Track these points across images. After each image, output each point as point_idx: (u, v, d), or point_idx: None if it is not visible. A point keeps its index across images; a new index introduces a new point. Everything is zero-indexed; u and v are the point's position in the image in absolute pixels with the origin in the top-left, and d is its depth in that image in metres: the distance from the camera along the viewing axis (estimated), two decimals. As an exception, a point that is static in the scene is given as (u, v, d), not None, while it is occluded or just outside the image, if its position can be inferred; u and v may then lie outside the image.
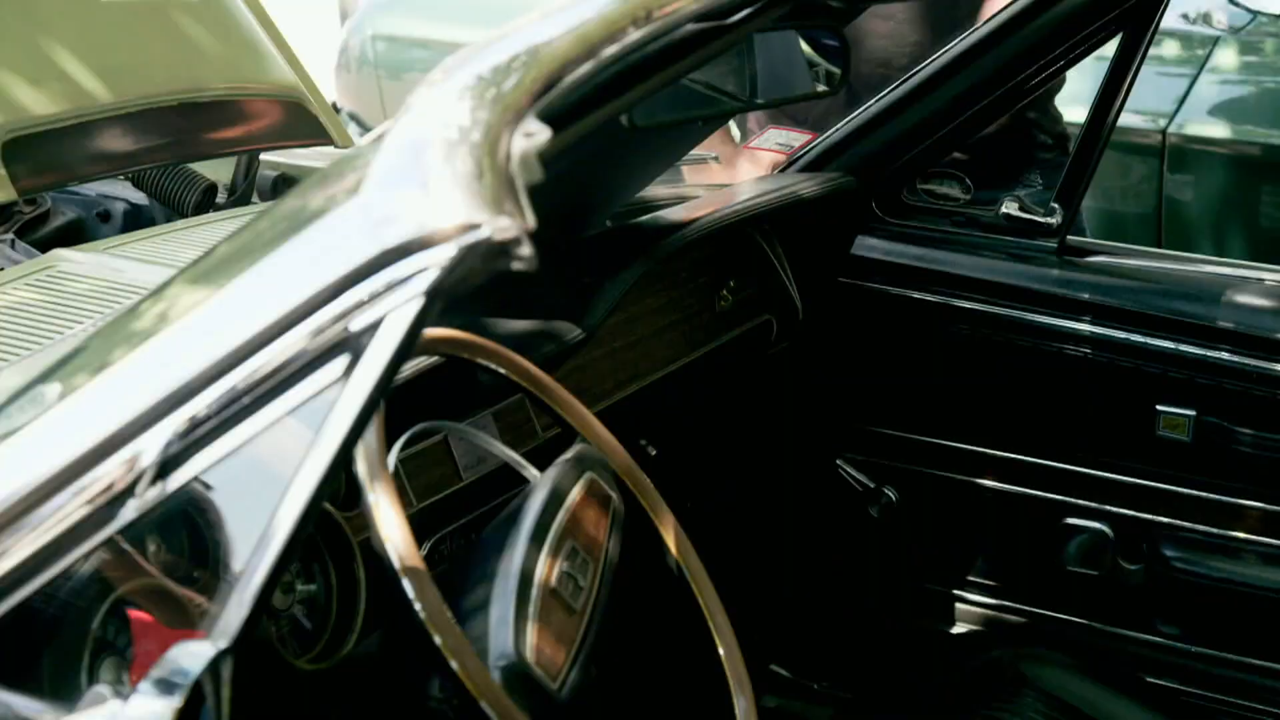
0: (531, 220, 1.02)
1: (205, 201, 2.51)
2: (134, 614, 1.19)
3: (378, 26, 5.17)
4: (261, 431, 1.04)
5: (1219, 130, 3.65)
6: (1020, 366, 2.31)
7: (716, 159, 2.52)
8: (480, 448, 1.65)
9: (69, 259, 1.88)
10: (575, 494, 1.41)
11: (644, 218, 2.05)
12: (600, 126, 1.44)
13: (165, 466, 1.05)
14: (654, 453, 2.03)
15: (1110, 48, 2.22)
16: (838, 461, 2.43)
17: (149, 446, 1.04)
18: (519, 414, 1.79)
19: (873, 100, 2.31)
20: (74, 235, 2.51)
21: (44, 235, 2.49)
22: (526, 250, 1.01)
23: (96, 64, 2.28)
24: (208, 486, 1.09)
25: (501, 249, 1.00)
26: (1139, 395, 2.21)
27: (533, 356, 1.58)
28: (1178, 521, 2.22)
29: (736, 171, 2.50)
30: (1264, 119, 3.64)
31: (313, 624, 1.47)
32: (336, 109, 5.43)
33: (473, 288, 1.03)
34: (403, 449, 1.51)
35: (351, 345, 1.02)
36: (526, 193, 1.03)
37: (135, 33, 2.37)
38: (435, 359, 1.59)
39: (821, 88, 1.77)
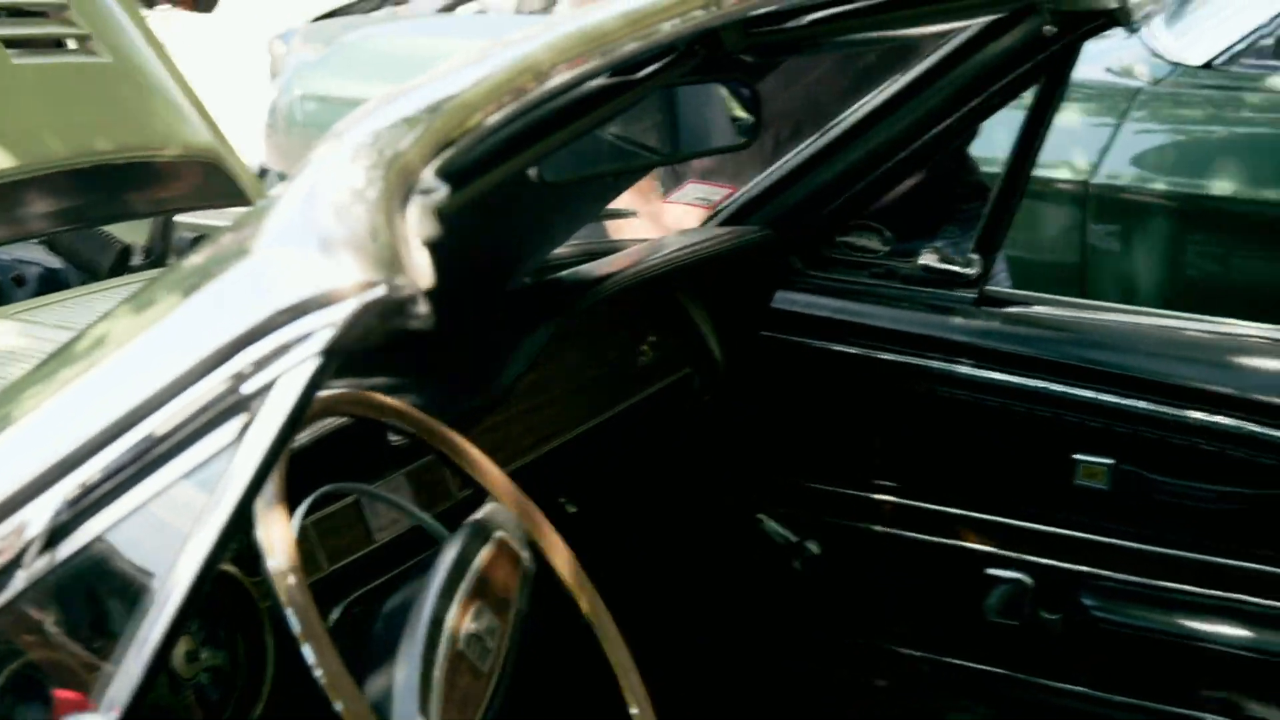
0: (428, 279, 1.01)
1: (120, 264, 2.48)
2: (33, 687, 1.16)
3: (307, 86, 5.16)
4: (154, 498, 1.03)
5: (1141, 180, 3.68)
6: (940, 417, 2.31)
7: (635, 214, 2.52)
8: (392, 509, 1.63)
9: (-27, 324, 1.85)
10: (483, 555, 1.40)
11: (562, 273, 2.04)
12: (514, 182, 1.43)
13: (54, 535, 1.03)
14: (573, 510, 2.01)
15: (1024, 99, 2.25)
16: (760, 515, 2.42)
17: (36, 515, 1.02)
18: (433, 474, 1.77)
19: (792, 153, 2.32)
20: (-12, 300, 2.48)
21: (-43, 300, 2.45)
22: (423, 309, 1.00)
23: (8, 127, 2.25)
24: (101, 554, 1.06)
25: (398, 307, 0.99)
26: (1057, 444, 2.21)
27: (446, 415, 1.56)
28: (1097, 570, 2.22)
29: (657, 226, 2.50)
30: (1185, 169, 3.68)
31: (219, 692, 1.44)
32: (265, 171, 5.41)
33: (371, 347, 1.01)
34: (315, 511, 1.49)
35: (245, 408, 1.00)
36: (425, 250, 1.02)
37: (48, 95, 2.35)
38: (347, 420, 1.57)
39: (736, 140, 1.77)
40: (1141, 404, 2.16)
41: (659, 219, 2.53)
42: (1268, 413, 2.11)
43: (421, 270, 1.01)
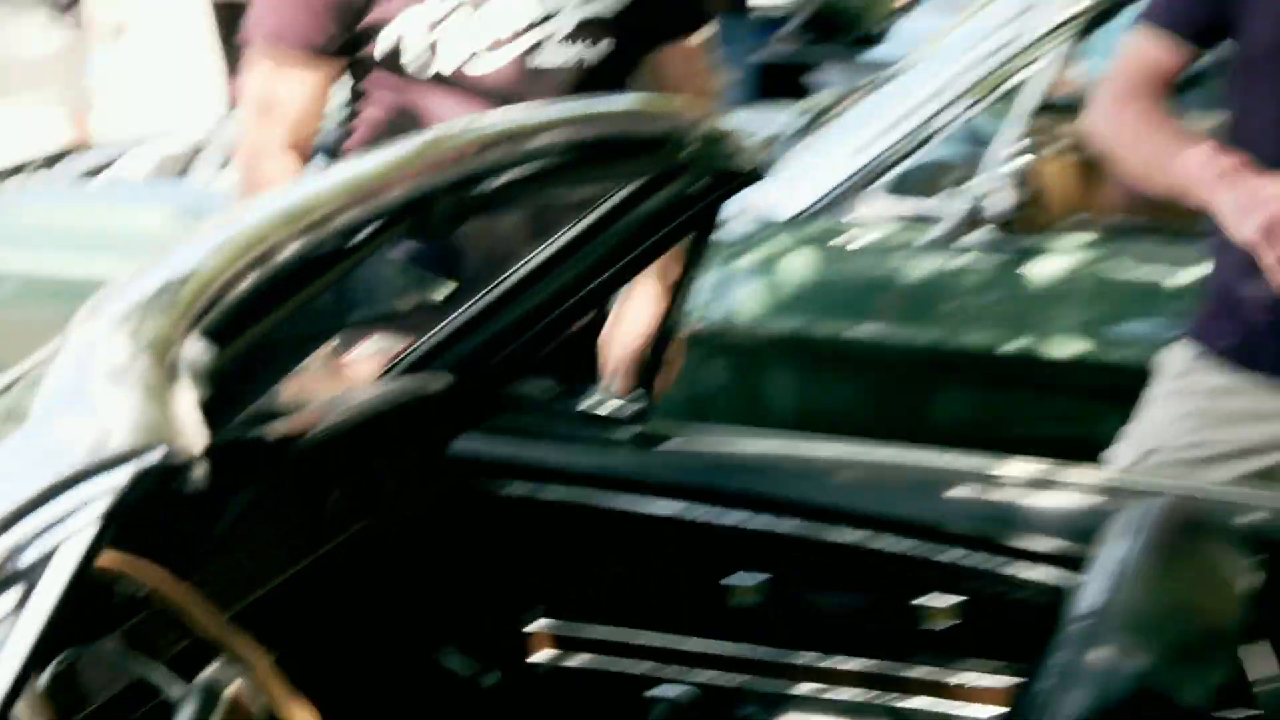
0: (201, 441, 1.07)
1: None
2: None
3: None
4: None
5: (741, 322, 3.95)
6: (609, 550, 2.44)
7: (314, 370, 2.56)
8: (116, 665, 1.63)
9: None
10: (220, 708, 1.43)
11: (256, 430, 2.09)
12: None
13: None
14: (275, 655, 2.04)
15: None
16: (440, 653, 2.49)
17: None
18: (155, 625, 1.77)
19: (469, 303, 2.43)
20: None
21: None
22: (201, 470, 1.05)
23: None
24: None
25: (174, 471, 1.04)
26: (714, 566, 2.37)
27: (165, 567, 1.59)
28: (754, 678, 2.37)
29: (337, 380, 2.54)
30: (771, 310, 3.96)
31: None
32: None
33: (146, 510, 1.06)
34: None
35: (24, 577, 1.02)
36: (196, 413, 1.08)
37: None
38: None
39: (429, 296, 1.86)
40: (790, 525, 2.34)
41: (339, 374, 2.58)
42: (893, 527, 2.31)
43: (194, 434, 1.07)
